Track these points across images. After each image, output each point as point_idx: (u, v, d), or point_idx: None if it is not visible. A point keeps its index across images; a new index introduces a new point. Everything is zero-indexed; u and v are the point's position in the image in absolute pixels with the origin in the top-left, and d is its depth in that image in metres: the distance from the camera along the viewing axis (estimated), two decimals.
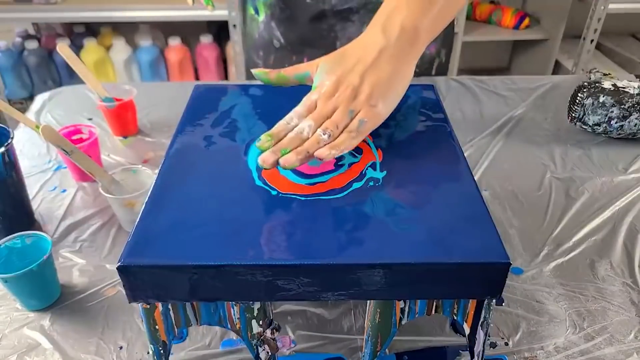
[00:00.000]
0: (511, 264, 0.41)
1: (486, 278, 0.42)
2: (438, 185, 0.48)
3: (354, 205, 0.46)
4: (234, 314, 0.44)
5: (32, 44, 1.88)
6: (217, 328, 0.57)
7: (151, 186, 0.47)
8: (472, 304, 0.45)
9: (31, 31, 2.04)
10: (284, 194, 0.47)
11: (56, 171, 0.81)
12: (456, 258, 0.41)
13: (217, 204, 0.46)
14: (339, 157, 0.52)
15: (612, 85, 0.84)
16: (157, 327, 0.45)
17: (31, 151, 0.85)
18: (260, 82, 0.58)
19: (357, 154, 0.52)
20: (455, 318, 0.46)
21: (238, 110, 0.60)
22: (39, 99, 1.00)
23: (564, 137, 0.89)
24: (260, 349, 0.46)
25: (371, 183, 0.48)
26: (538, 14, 2.15)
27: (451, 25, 1.03)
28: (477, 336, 0.46)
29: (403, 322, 0.46)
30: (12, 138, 0.64)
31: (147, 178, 0.70)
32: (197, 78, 2.06)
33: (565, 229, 0.70)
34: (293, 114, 0.51)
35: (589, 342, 0.55)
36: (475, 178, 0.49)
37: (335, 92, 0.51)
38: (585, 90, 0.85)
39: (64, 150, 0.65)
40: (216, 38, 2.01)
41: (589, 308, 0.59)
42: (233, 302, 0.44)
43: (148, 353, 0.54)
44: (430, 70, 1.03)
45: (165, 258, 0.40)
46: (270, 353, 0.47)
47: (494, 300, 0.44)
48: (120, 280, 0.41)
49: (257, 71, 0.57)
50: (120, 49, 1.95)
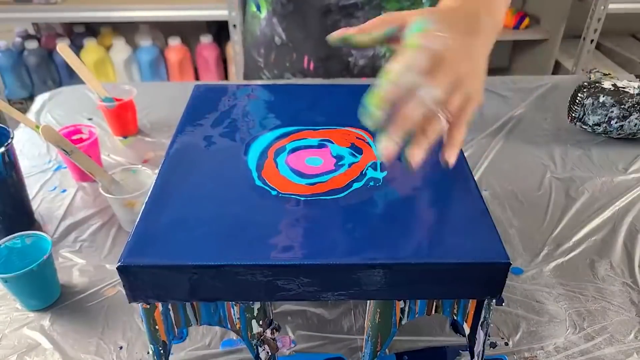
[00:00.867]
0: (511, 264, 0.41)
1: (486, 278, 0.42)
2: (438, 185, 0.48)
3: (354, 205, 0.46)
4: (234, 314, 0.44)
5: (32, 44, 1.88)
6: (217, 328, 0.57)
7: (151, 186, 0.47)
8: (472, 304, 0.45)
9: (31, 31, 2.04)
10: (284, 194, 0.47)
11: (56, 171, 0.81)
12: (456, 258, 0.41)
13: (217, 204, 0.46)
14: (339, 157, 0.52)
15: (612, 85, 0.84)
16: (157, 327, 0.45)
17: (31, 151, 0.85)
18: (260, 82, 0.58)
19: (357, 154, 0.52)
20: (455, 318, 0.46)
21: (238, 110, 0.60)
22: (39, 99, 1.00)
23: (564, 137, 0.89)
24: (260, 349, 0.46)
25: (371, 183, 0.48)
26: (538, 14, 2.15)
27: None
28: (477, 336, 0.46)
29: (403, 322, 0.46)
30: (12, 138, 0.64)
31: (147, 178, 0.70)
32: (197, 78, 2.06)
33: (565, 229, 0.70)
34: (406, 68, 0.39)
35: (589, 342, 0.55)
36: (475, 178, 0.50)
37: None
38: (585, 90, 0.85)
39: (64, 150, 0.65)
40: (216, 38, 2.01)
41: (589, 308, 0.59)
42: (233, 302, 0.44)
43: (148, 353, 0.54)
44: None
45: (165, 258, 0.40)
46: (270, 353, 0.47)
47: (494, 300, 0.44)
48: (120, 280, 0.41)
49: (338, 35, 0.47)
50: (120, 49, 1.95)
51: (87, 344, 0.55)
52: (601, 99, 0.84)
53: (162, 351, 0.46)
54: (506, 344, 0.55)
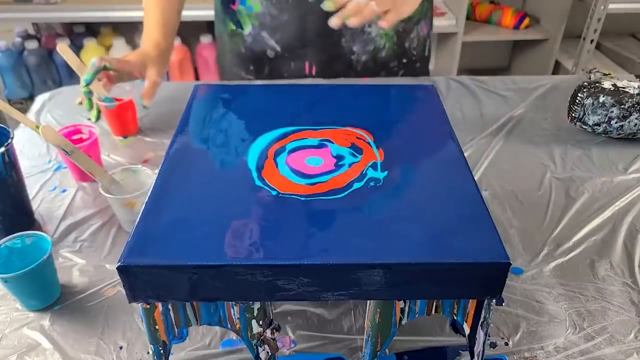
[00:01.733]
0: (511, 264, 0.41)
1: (486, 278, 0.42)
2: (438, 185, 0.48)
3: (354, 205, 0.46)
4: (234, 314, 0.44)
5: (32, 44, 1.88)
6: (217, 328, 0.56)
7: (151, 186, 0.47)
8: (472, 304, 0.45)
9: (31, 31, 2.04)
10: (284, 194, 0.47)
11: (56, 171, 0.81)
12: (456, 258, 0.41)
13: (217, 204, 0.46)
14: (339, 157, 0.52)
15: (612, 85, 0.84)
16: (157, 327, 0.45)
17: (31, 151, 0.85)
18: (259, 82, 0.58)
19: (357, 154, 0.52)
20: (455, 318, 0.46)
21: (238, 110, 0.60)
22: (39, 99, 1.00)
23: (564, 137, 0.89)
24: (260, 349, 0.46)
25: (372, 183, 0.48)
26: (538, 14, 2.15)
27: (431, 9, 1.05)
28: (477, 336, 0.46)
29: (403, 322, 0.46)
30: (12, 138, 0.64)
31: (147, 178, 0.70)
32: (197, 78, 2.06)
33: (565, 229, 0.70)
34: None
35: (589, 342, 0.55)
36: (475, 178, 0.50)
37: None
38: (585, 90, 0.85)
39: (64, 150, 0.65)
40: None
41: (589, 308, 0.59)
42: (233, 302, 0.44)
43: (148, 353, 0.54)
44: (423, 52, 1.05)
45: (165, 258, 0.40)
46: (270, 353, 0.47)
47: (494, 300, 0.44)
48: (120, 280, 0.41)
49: (338, 21, 0.69)
50: (120, 49, 1.95)
51: (87, 344, 0.55)
52: (601, 99, 0.84)
53: (162, 351, 0.46)
54: (506, 344, 0.55)
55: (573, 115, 0.87)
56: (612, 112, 0.84)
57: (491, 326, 0.46)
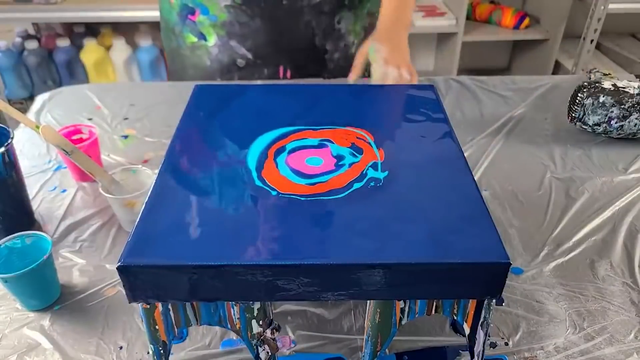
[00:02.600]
0: (511, 264, 0.41)
1: (486, 278, 0.42)
2: (438, 185, 0.48)
3: (354, 205, 0.46)
4: (234, 314, 0.44)
5: (32, 44, 1.88)
6: (217, 328, 0.57)
7: (151, 186, 0.47)
8: (472, 304, 0.45)
9: (31, 31, 2.04)
10: (284, 194, 0.47)
11: (56, 171, 0.81)
12: (456, 258, 0.41)
13: (217, 204, 0.46)
14: (340, 157, 0.52)
15: (612, 85, 0.84)
16: (157, 327, 0.45)
17: (31, 151, 0.85)
18: (260, 82, 0.58)
19: (358, 154, 0.52)
20: (455, 318, 0.46)
21: (238, 110, 0.60)
22: (39, 99, 1.00)
23: (564, 137, 0.89)
24: (260, 349, 0.46)
25: (372, 183, 0.48)
26: (538, 14, 2.15)
27: None
28: (477, 336, 0.46)
29: (403, 322, 0.46)
30: (12, 138, 0.64)
31: (147, 178, 0.70)
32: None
33: (565, 229, 0.70)
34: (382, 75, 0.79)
35: (589, 342, 0.55)
36: (475, 178, 0.49)
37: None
38: (585, 90, 0.85)
39: (64, 150, 0.64)
40: None
41: (589, 308, 0.59)
42: (233, 302, 0.44)
43: (148, 353, 0.54)
44: None
45: (165, 258, 0.40)
46: (270, 353, 0.47)
47: (494, 300, 0.44)
48: (120, 280, 0.41)
49: (356, 77, 0.84)
50: (120, 49, 1.95)
51: (87, 344, 0.55)
52: (601, 99, 0.84)
53: (162, 351, 0.46)
54: (506, 344, 0.55)
55: (573, 115, 0.87)
56: (612, 112, 0.84)
57: (491, 326, 0.46)
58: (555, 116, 0.95)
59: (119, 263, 0.40)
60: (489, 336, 0.46)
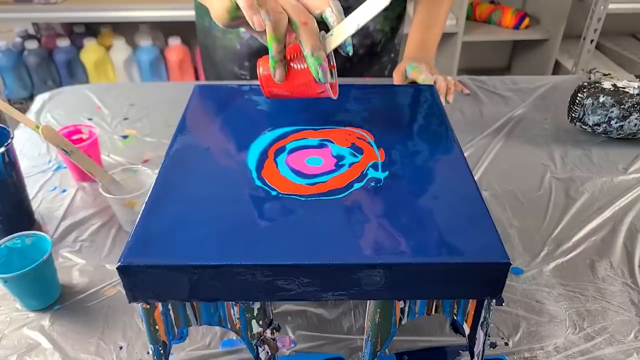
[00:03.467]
0: (511, 264, 0.41)
1: (486, 278, 0.42)
2: (438, 185, 0.48)
3: (354, 205, 0.46)
4: (234, 314, 0.44)
5: (32, 44, 1.88)
6: (217, 328, 0.56)
7: (151, 186, 0.47)
8: (472, 304, 0.45)
9: (31, 31, 2.04)
10: (284, 194, 0.47)
11: (56, 171, 0.81)
12: (456, 258, 0.41)
13: (217, 204, 0.46)
14: (340, 157, 0.52)
15: (612, 85, 0.84)
16: (157, 327, 0.45)
17: (31, 151, 0.85)
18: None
19: (358, 154, 0.52)
20: (455, 318, 0.46)
21: (238, 110, 0.60)
22: (39, 99, 1.00)
23: (564, 137, 0.89)
24: (260, 349, 0.46)
25: (372, 183, 0.48)
26: (538, 14, 2.15)
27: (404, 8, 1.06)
28: (477, 336, 0.46)
29: (403, 322, 0.46)
30: (12, 138, 0.64)
31: (147, 178, 0.70)
32: (197, 78, 2.06)
33: (565, 229, 0.70)
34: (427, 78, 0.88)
35: (589, 342, 0.55)
36: (475, 178, 0.49)
37: None
38: (585, 90, 0.85)
39: (64, 150, 0.65)
40: None
41: (589, 308, 0.59)
42: (233, 302, 0.44)
43: (148, 353, 0.54)
44: (400, 47, 1.10)
45: (165, 258, 0.40)
46: (270, 353, 0.47)
47: (494, 300, 0.44)
48: (120, 280, 0.41)
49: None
50: (120, 49, 1.95)
51: (87, 344, 0.55)
52: (601, 99, 0.84)
53: (162, 351, 0.46)
54: (506, 344, 0.55)
55: (573, 115, 0.87)
56: (612, 112, 0.84)
57: (491, 326, 0.46)
58: (555, 116, 0.95)
59: (119, 263, 0.40)
60: (489, 336, 0.46)
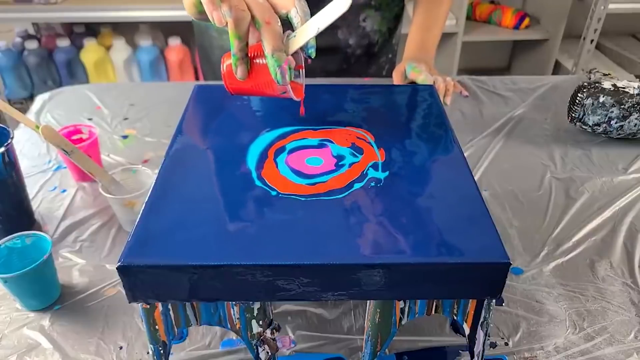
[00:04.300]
0: (511, 264, 0.41)
1: (486, 278, 0.42)
2: (438, 185, 0.48)
3: (354, 205, 0.46)
4: (234, 314, 0.44)
5: (32, 44, 1.88)
6: (217, 328, 0.57)
7: (151, 186, 0.47)
8: (472, 304, 0.45)
9: (31, 31, 2.04)
10: (284, 194, 0.47)
11: (56, 171, 0.81)
12: (456, 258, 0.41)
13: (217, 204, 0.46)
14: (340, 157, 0.52)
15: (612, 85, 0.84)
16: (157, 327, 0.45)
17: (31, 151, 0.85)
18: None
19: (358, 154, 0.52)
20: (455, 318, 0.46)
21: (238, 110, 0.60)
22: (39, 99, 1.00)
23: (564, 137, 0.89)
24: (260, 349, 0.46)
25: (372, 183, 0.48)
26: (538, 14, 2.15)
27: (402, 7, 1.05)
28: (477, 336, 0.46)
29: (403, 322, 0.46)
30: (12, 138, 0.64)
31: (147, 178, 0.70)
32: (197, 78, 2.06)
33: (565, 229, 0.70)
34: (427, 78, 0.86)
35: (589, 342, 0.55)
36: (475, 178, 0.49)
37: None
38: (585, 90, 0.85)
39: (64, 150, 0.65)
40: None
41: (589, 308, 0.59)
42: (233, 302, 0.44)
43: (148, 353, 0.54)
44: (398, 47, 1.09)
45: (165, 258, 0.40)
46: (270, 353, 0.47)
47: (494, 300, 0.44)
48: (120, 280, 0.41)
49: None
50: (120, 49, 1.95)
51: (87, 344, 0.55)
52: (601, 99, 0.84)
53: (162, 351, 0.46)
54: (506, 344, 0.55)
55: (573, 115, 0.87)
56: (612, 112, 0.84)
57: (491, 326, 0.46)
58: (555, 116, 0.95)
59: (119, 263, 0.40)
60: (489, 336, 0.46)
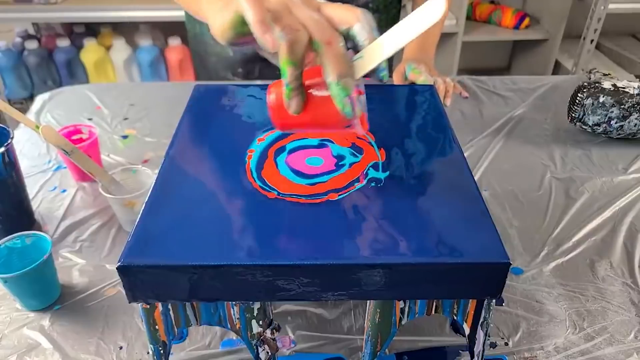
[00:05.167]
0: (511, 264, 0.41)
1: (486, 278, 0.42)
2: (438, 185, 0.48)
3: (354, 205, 0.45)
4: (234, 314, 0.44)
5: (32, 44, 1.88)
6: (217, 328, 0.57)
7: (151, 186, 0.47)
8: (472, 304, 0.45)
9: (31, 31, 2.04)
10: (284, 194, 0.47)
11: (56, 171, 0.81)
12: (456, 258, 0.41)
13: (217, 204, 0.46)
14: (340, 157, 0.52)
15: (612, 85, 0.84)
16: (157, 327, 0.45)
17: (31, 151, 0.85)
18: (259, 82, 0.58)
19: (358, 154, 0.52)
20: (455, 318, 0.46)
21: (238, 110, 0.60)
22: (39, 99, 1.00)
23: (564, 137, 0.89)
24: (260, 349, 0.46)
25: (373, 184, 0.48)
26: (538, 14, 2.15)
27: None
28: (477, 336, 0.46)
29: (403, 322, 0.46)
30: (12, 138, 0.64)
31: (147, 178, 0.70)
32: (197, 78, 2.06)
33: (565, 229, 0.70)
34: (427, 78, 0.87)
35: (589, 342, 0.55)
36: (475, 178, 0.49)
37: None
38: (585, 90, 0.85)
39: (64, 150, 0.65)
40: None
41: (589, 308, 0.59)
42: (233, 302, 0.44)
43: (148, 353, 0.54)
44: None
45: (165, 258, 0.40)
46: (270, 353, 0.47)
47: (494, 300, 0.44)
48: (120, 280, 0.41)
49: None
50: (120, 49, 1.95)
51: (87, 344, 0.55)
52: (601, 99, 0.84)
53: (162, 351, 0.46)
54: (506, 344, 0.55)
55: (573, 115, 0.87)
56: (612, 112, 0.84)
57: (491, 326, 0.46)
58: (555, 116, 0.95)
59: (119, 263, 0.40)
60: (489, 336, 0.46)
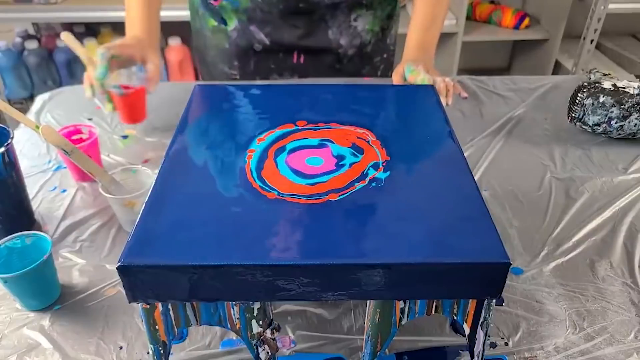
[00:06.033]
0: (511, 264, 0.41)
1: (486, 278, 0.42)
2: (438, 185, 0.48)
3: (354, 205, 0.46)
4: (234, 314, 0.44)
5: (32, 44, 1.88)
6: (217, 328, 0.56)
7: (151, 186, 0.47)
8: (472, 304, 0.45)
9: (31, 31, 2.04)
10: (284, 194, 0.47)
11: (56, 171, 0.81)
12: (456, 258, 0.41)
13: (217, 204, 0.46)
14: (340, 157, 0.52)
15: (612, 85, 0.84)
16: (157, 327, 0.45)
17: (31, 151, 0.85)
18: (259, 82, 0.58)
19: (358, 154, 0.52)
20: (455, 318, 0.46)
21: (238, 110, 0.60)
22: (39, 99, 1.00)
23: (564, 137, 0.89)
24: (260, 349, 0.46)
25: (373, 184, 0.48)
26: (538, 14, 2.15)
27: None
28: (477, 336, 0.46)
29: (403, 322, 0.46)
30: (12, 138, 0.64)
31: (147, 178, 0.70)
32: (197, 78, 2.05)
33: (565, 229, 0.70)
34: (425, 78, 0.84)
35: (589, 342, 0.55)
36: (475, 178, 0.49)
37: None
38: (585, 90, 0.85)
39: (64, 150, 0.64)
40: None
41: (589, 308, 0.59)
42: (233, 302, 0.44)
43: (148, 353, 0.54)
44: (395, 47, 1.10)
45: (165, 258, 0.40)
46: (270, 353, 0.47)
47: (494, 300, 0.44)
48: (120, 280, 0.41)
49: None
50: None
51: (87, 344, 0.55)
52: (601, 99, 0.84)
53: (162, 351, 0.46)
54: (506, 344, 0.55)
55: (573, 115, 0.87)
56: (612, 112, 0.84)
57: (491, 326, 0.46)
58: (555, 116, 0.95)
59: (119, 263, 0.40)
60: (489, 336, 0.46)
